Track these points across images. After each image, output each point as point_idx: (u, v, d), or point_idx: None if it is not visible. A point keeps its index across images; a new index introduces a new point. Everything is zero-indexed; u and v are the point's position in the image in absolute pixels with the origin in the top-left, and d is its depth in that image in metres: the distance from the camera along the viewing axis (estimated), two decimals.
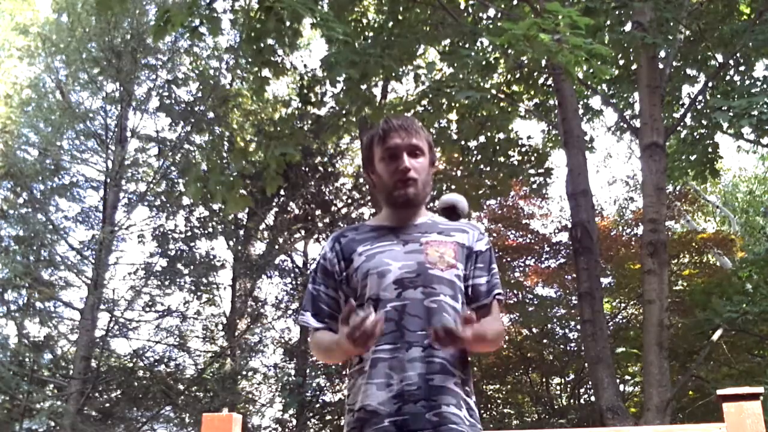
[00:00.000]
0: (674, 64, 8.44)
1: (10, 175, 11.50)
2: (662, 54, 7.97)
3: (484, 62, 6.53)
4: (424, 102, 7.26)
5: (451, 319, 1.81)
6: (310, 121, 11.06)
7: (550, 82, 8.84)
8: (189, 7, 5.93)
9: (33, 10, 13.14)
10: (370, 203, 12.84)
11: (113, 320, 11.63)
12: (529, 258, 12.26)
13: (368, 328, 1.62)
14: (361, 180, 13.30)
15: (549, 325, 12.24)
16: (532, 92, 9.65)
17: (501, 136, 8.73)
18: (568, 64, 5.11)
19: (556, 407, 12.48)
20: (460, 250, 1.92)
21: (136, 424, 11.74)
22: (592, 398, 10.42)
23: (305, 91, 8.08)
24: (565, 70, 5.43)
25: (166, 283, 12.12)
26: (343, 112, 8.50)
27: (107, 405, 11.48)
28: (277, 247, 13.19)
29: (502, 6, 8.67)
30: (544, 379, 12.78)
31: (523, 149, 9.19)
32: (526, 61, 6.83)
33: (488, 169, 8.87)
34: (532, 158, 9.20)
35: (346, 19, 8.14)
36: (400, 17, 8.28)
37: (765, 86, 7.82)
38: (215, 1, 6.14)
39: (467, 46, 8.26)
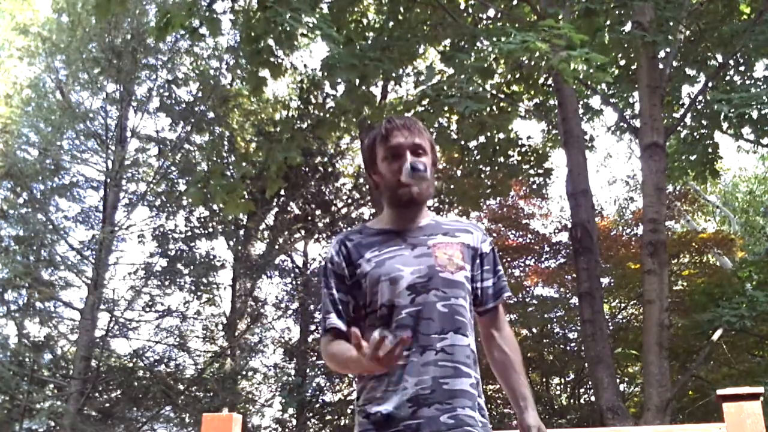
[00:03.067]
0: (674, 64, 8.43)
1: (10, 175, 11.50)
2: (662, 54, 7.97)
3: (485, 65, 6.53)
4: (425, 102, 7.26)
5: (464, 321, 1.82)
6: (309, 122, 11.06)
7: (550, 82, 8.84)
8: (189, 8, 5.94)
9: (33, 10, 13.14)
10: (370, 203, 12.84)
11: (113, 320, 11.64)
12: (529, 258, 12.26)
13: (392, 351, 1.56)
14: (362, 180, 13.30)
15: (549, 325, 12.24)
16: (532, 92, 9.65)
17: (501, 136, 8.72)
18: (565, 71, 5.14)
19: (556, 407, 12.48)
20: (467, 250, 1.92)
21: (136, 424, 11.74)
22: (592, 398, 10.42)
23: (305, 94, 8.09)
24: (562, 77, 5.45)
25: (166, 283, 12.12)
26: (343, 111, 8.50)
27: (107, 405, 11.48)
28: (277, 247, 13.20)
29: (502, 6, 8.67)
30: (544, 379, 12.78)
31: (523, 149, 9.19)
32: (526, 61, 6.84)
33: (488, 169, 8.88)
34: (532, 158, 9.20)
35: (346, 20, 8.13)
36: (400, 17, 8.27)
37: (765, 86, 7.83)
38: (215, 2, 6.15)
39: (467, 46, 8.26)
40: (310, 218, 13.22)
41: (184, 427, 11.87)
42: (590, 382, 10.37)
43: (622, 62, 9.09)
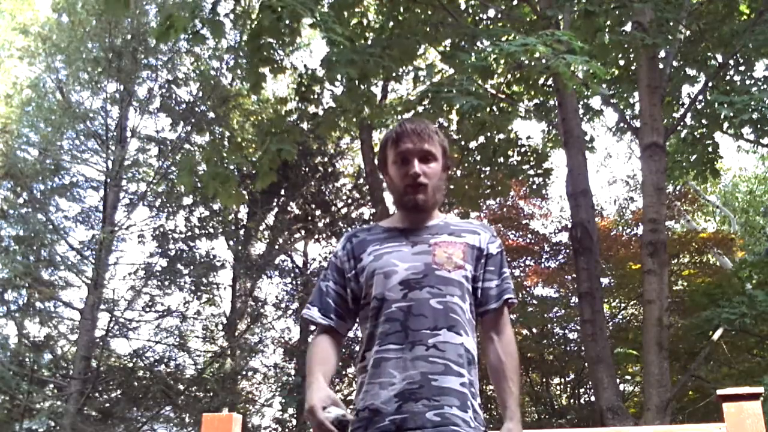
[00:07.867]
0: (674, 64, 8.43)
1: (10, 175, 11.50)
2: (662, 54, 7.97)
3: (484, 64, 6.52)
4: (425, 102, 7.25)
5: (459, 319, 1.82)
6: (310, 122, 11.04)
7: (550, 82, 8.84)
8: (191, 10, 5.92)
9: (33, 10, 13.15)
10: (370, 203, 12.84)
11: (113, 320, 11.63)
12: (529, 258, 12.26)
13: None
14: (361, 180, 13.30)
15: (549, 325, 12.25)
16: (532, 92, 9.64)
17: (501, 136, 8.72)
18: (564, 74, 5.15)
19: (556, 407, 12.48)
20: (470, 251, 1.93)
21: (136, 424, 11.74)
22: (592, 398, 10.42)
23: (303, 88, 8.04)
24: (561, 82, 5.46)
25: (166, 283, 12.12)
26: (343, 110, 8.49)
27: (107, 405, 11.48)
28: (277, 247, 13.19)
29: (503, 6, 8.67)
30: (544, 379, 12.78)
31: (523, 149, 9.18)
32: (526, 62, 6.84)
33: (488, 169, 8.87)
34: (532, 158, 9.19)
35: (347, 19, 8.13)
36: (400, 18, 8.27)
37: (765, 86, 7.82)
38: (218, 4, 6.13)
39: (467, 46, 8.25)
40: (310, 218, 13.22)
41: (184, 427, 11.87)
42: (590, 382, 10.36)
43: (622, 62, 9.09)
